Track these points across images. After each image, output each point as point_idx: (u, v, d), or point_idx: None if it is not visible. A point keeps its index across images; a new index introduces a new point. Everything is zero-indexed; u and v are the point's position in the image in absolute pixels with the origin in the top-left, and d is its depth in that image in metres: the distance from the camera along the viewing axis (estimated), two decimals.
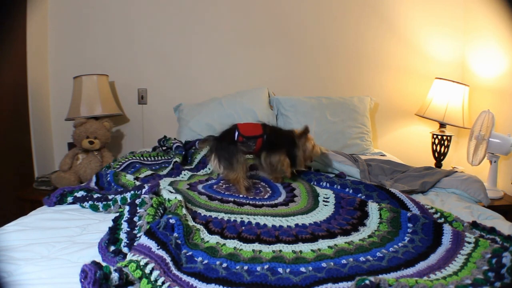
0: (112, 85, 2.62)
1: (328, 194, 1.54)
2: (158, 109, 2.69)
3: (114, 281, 0.87)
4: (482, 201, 1.77)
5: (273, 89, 2.68)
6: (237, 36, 2.69)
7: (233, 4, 2.65)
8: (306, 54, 2.75)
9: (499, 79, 2.43)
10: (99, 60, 2.59)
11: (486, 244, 1.12)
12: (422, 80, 2.78)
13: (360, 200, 1.44)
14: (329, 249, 1.16)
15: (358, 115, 2.54)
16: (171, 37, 2.65)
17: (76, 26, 2.56)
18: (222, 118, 2.43)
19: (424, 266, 1.07)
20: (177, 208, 1.26)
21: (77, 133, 2.25)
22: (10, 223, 1.31)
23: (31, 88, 2.37)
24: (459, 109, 2.50)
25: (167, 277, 0.96)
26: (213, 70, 2.71)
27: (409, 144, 2.88)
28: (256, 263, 1.05)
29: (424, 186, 1.77)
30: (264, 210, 1.44)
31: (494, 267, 0.99)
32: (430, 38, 2.77)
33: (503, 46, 2.39)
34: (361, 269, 1.04)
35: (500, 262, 0.99)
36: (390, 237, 1.25)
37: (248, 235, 1.21)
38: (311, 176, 1.83)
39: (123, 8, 2.58)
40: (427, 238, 1.22)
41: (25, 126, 2.36)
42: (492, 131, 2.13)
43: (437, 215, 1.39)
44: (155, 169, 1.97)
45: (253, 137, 1.69)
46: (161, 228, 1.11)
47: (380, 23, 2.75)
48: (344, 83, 2.80)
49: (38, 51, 2.46)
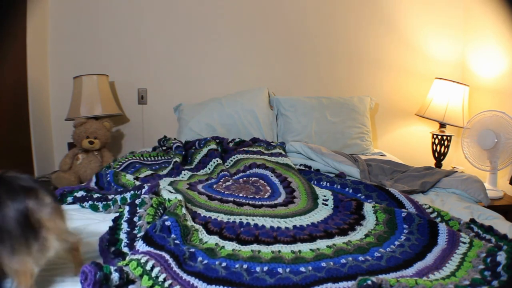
0: (112, 85, 2.62)
1: (327, 196, 1.54)
2: (158, 109, 2.70)
3: (114, 281, 0.87)
4: (482, 201, 1.77)
5: (273, 89, 2.68)
6: (237, 36, 2.70)
7: (233, 4, 2.65)
8: (306, 54, 2.76)
9: (499, 79, 2.43)
10: (99, 60, 2.60)
11: (480, 244, 1.13)
12: (422, 80, 2.78)
13: (356, 204, 1.44)
14: (328, 248, 1.16)
15: (358, 115, 2.54)
16: (171, 37, 2.65)
17: (76, 26, 2.56)
18: (222, 118, 2.44)
19: (422, 266, 1.08)
20: (177, 208, 1.26)
21: (77, 133, 2.25)
22: None
23: (31, 88, 2.37)
24: (459, 109, 2.50)
25: (168, 274, 0.96)
26: (213, 70, 2.71)
27: (409, 144, 2.88)
28: (256, 262, 1.05)
29: (424, 186, 1.77)
30: (263, 211, 1.44)
31: (490, 266, 1.00)
32: (430, 38, 2.78)
33: (503, 46, 2.39)
34: (361, 269, 1.04)
35: (495, 260, 1.00)
36: (387, 236, 1.25)
37: (247, 236, 1.21)
38: (311, 176, 1.82)
39: (123, 8, 2.58)
40: (422, 238, 1.22)
41: (25, 126, 2.36)
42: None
43: (434, 214, 1.39)
44: (155, 169, 1.97)
45: None
46: (157, 231, 1.11)
47: (380, 23, 2.75)
48: (344, 83, 2.80)
49: (38, 51, 2.46)
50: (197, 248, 1.10)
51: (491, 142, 2.17)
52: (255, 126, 2.45)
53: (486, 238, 1.24)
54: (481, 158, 2.27)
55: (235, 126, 2.43)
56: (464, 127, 2.39)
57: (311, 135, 2.44)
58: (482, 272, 1.00)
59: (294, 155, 2.17)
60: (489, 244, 1.12)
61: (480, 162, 2.27)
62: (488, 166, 2.23)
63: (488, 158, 2.23)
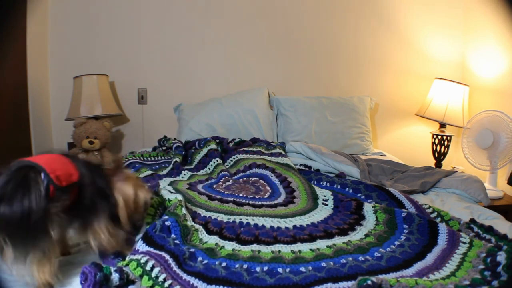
0: (112, 85, 2.62)
1: (327, 196, 1.54)
2: (158, 109, 2.69)
3: (114, 281, 0.88)
4: (482, 201, 1.77)
5: (273, 89, 2.68)
6: (237, 36, 2.69)
7: (233, 4, 2.65)
8: (306, 54, 2.75)
9: (499, 79, 2.43)
10: (99, 60, 2.59)
11: (480, 244, 1.13)
12: (422, 80, 2.78)
13: (356, 204, 1.44)
14: (328, 248, 1.16)
15: (358, 115, 2.54)
16: (171, 37, 2.65)
17: (76, 26, 2.56)
18: (222, 118, 2.44)
19: (422, 266, 1.08)
20: (177, 208, 1.26)
21: (77, 133, 2.25)
22: None
23: (31, 88, 2.37)
24: (459, 109, 2.50)
25: (168, 274, 0.96)
26: (213, 70, 2.71)
27: (409, 144, 2.88)
28: (255, 261, 1.05)
29: (424, 186, 1.77)
30: (263, 211, 1.44)
31: (490, 266, 1.00)
32: (430, 38, 2.78)
33: (503, 46, 2.39)
34: (361, 269, 1.04)
35: (495, 260, 1.00)
36: (387, 235, 1.25)
37: (247, 236, 1.21)
38: (311, 176, 1.82)
39: (123, 8, 2.58)
40: (422, 238, 1.22)
41: (25, 126, 2.36)
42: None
43: (434, 214, 1.39)
44: (155, 169, 1.96)
45: (71, 186, 0.95)
46: (157, 231, 1.11)
47: (380, 23, 2.75)
48: (344, 83, 2.80)
49: (38, 51, 2.46)
50: (197, 248, 1.10)
51: (490, 141, 2.17)
52: (255, 126, 2.45)
53: (486, 238, 1.24)
54: (480, 158, 2.27)
55: (235, 126, 2.43)
56: (464, 127, 2.40)
57: (311, 135, 2.44)
58: (482, 272, 1.00)
59: (294, 155, 2.17)
60: (489, 244, 1.13)
61: (479, 162, 2.27)
62: (487, 166, 2.23)
63: (487, 158, 2.23)
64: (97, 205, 0.98)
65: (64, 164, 0.96)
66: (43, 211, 0.83)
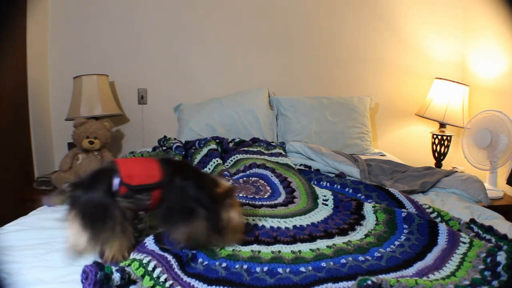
0: (112, 85, 2.62)
1: (327, 196, 1.54)
2: (158, 109, 2.69)
3: (115, 281, 0.88)
4: (482, 201, 1.78)
5: (273, 89, 2.68)
6: (237, 36, 2.69)
7: (233, 4, 2.65)
8: (306, 54, 2.75)
9: (499, 79, 2.43)
10: (99, 60, 2.59)
11: (480, 244, 1.13)
12: (422, 80, 2.78)
13: (356, 204, 1.44)
14: (328, 248, 1.16)
15: (358, 115, 2.54)
16: (171, 37, 2.65)
17: (76, 26, 2.56)
18: (222, 118, 2.44)
19: (422, 266, 1.08)
20: None
21: (77, 133, 2.25)
22: (10, 223, 1.31)
23: (31, 88, 2.37)
24: (459, 109, 2.50)
25: (169, 275, 0.97)
26: (213, 70, 2.71)
27: (409, 144, 2.88)
28: (255, 262, 1.05)
29: (424, 186, 1.78)
30: (263, 211, 1.44)
31: (490, 266, 1.00)
32: (430, 38, 2.77)
33: (503, 46, 2.39)
34: (361, 269, 1.04)
35: (495, 260, 1.00)
36: (387, 236, 1.25)
37: (247, 236, 1.21)
38: (311, 176, 1.82)
39: (123, 8, 2.58)
40: (422, 238, 1.22)
41: (25, 126, 2.36)
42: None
43: (434, 214, 1.39)
44: None
45: (146, 187, 1.05)
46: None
47: (380, 23, 2.75)
48: (344, 83, 2.80)
49: (38, 51, 2.46)
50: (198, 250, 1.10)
51: (489, 141, 2.17)
52: (255, 126, 2.45)
53: (486, 238, 1.24)
54: (480, 158, 2.27)
55: (235, 126, 2.43)
56: (464, 127, 2.40)
57: (311, 135, 2.44)
58: (482, 272, 1.00)
59: (294, 155, 2.17)
60: (489, 244, 1.13)
61: (479, 162, 2.27)
62: (487, 166, 2.23)
63: (487, 158, 2.23)
64: (195, 210, 1.07)
65: (148, 168, 1.10)
66: (105, 201, 1.01)
